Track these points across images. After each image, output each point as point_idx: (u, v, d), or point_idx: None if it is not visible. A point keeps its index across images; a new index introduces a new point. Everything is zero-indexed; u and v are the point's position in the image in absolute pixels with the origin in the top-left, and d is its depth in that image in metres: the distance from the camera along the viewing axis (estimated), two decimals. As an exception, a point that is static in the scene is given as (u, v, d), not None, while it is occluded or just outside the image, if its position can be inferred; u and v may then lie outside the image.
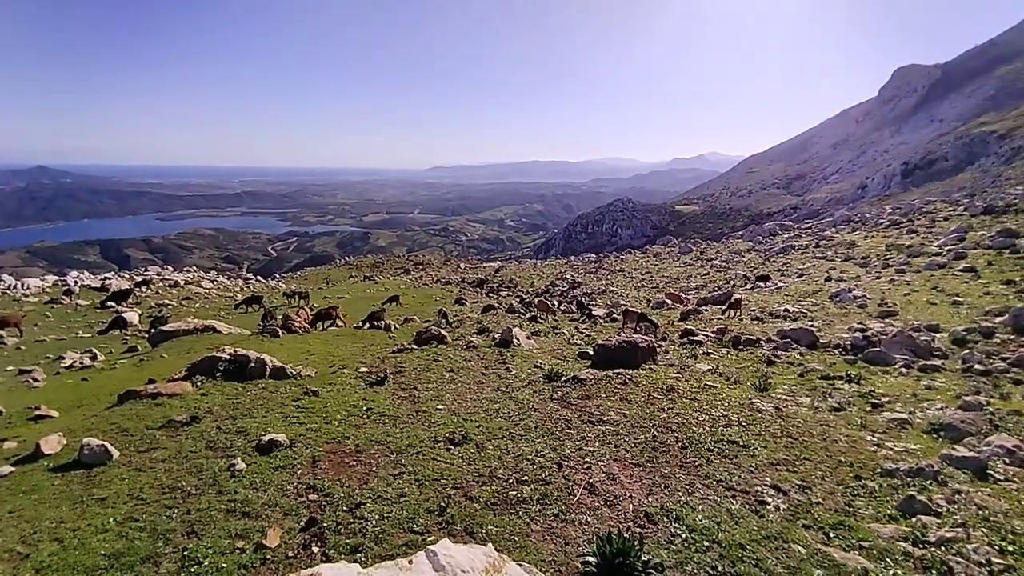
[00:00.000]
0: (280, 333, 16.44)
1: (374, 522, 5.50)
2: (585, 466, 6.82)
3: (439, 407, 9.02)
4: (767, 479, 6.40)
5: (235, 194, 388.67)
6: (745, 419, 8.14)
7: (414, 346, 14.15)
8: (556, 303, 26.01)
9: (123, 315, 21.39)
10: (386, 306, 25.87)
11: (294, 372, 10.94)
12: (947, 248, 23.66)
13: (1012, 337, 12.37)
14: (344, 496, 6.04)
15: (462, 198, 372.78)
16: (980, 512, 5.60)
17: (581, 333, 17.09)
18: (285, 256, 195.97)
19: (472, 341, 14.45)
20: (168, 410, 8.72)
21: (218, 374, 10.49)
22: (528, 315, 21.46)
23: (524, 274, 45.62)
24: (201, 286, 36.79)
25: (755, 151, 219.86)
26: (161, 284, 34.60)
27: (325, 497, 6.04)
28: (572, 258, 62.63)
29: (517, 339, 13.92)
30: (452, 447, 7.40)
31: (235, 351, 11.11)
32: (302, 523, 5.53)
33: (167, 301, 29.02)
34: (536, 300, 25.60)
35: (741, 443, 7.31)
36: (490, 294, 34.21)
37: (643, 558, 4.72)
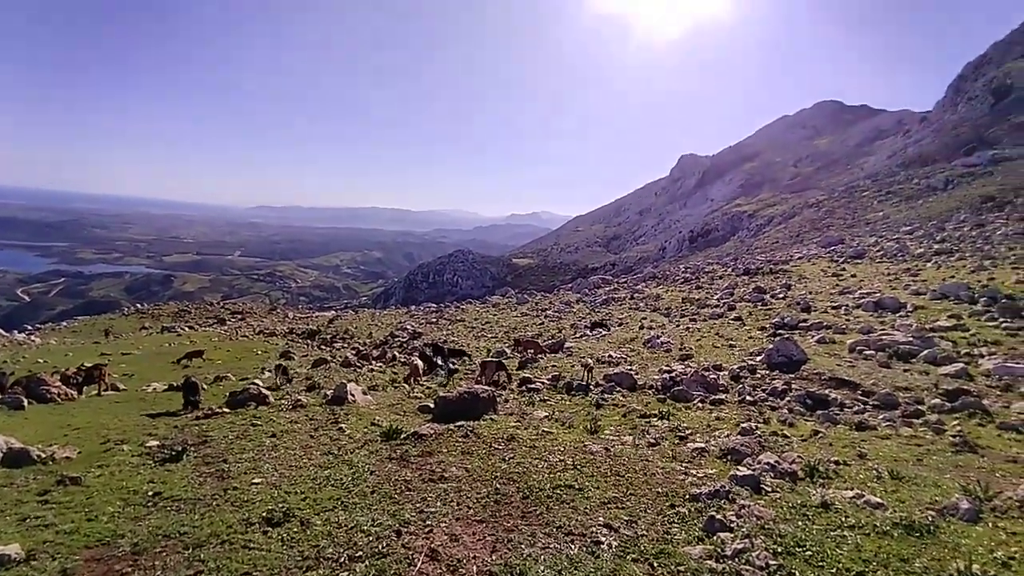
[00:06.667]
0: (25, 403, 12.60)
1: (152, 648, 4.26)
2: (427, 530, 6.37)
3: (255, 481, 7.69)
4: (600, 519, 6.74)
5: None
6: (579, 462, 8.59)
7: (226, 409, 12.09)
8: (397, 355, 25.05)
9: None
10: (185, 362, 21.76)
11: (43, 455, 8.36)
12: (723, 301, 29.28)
13: (768, 372, 15.61)
14: (108, 619, 4.60)
15: (292, 241, 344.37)
16: (759, 522, 6.64)
17: (421, 385, 16.59)
18: (44, 302, 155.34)
19: (300, 400, 12.92)
20: None
21: (-92, 468, 7.47)
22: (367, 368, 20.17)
23: (362, 324, 43.27)
24: None
25: (580, 212, 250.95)
26: None
27: (77, 626, 4.53)
28: (413, 307, 61.66)
29: (352, 395, 12.87)
30: (270, 528, 6.29)
31: (-56, 432, 8.11)
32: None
33: None
34: (373, 352, 24.33)
35: (577, 486, 7.64)
36: (323, 346, 31.48)
37: (488, 626, 4.47)
